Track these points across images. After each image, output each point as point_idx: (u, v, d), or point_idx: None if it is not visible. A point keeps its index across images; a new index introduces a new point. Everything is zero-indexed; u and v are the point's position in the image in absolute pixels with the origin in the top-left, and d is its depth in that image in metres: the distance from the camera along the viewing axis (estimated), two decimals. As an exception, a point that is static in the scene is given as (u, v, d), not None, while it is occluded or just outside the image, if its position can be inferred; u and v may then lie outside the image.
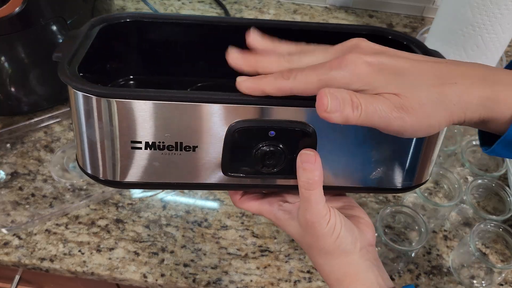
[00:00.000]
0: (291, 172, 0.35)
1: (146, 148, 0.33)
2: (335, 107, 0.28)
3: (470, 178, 0.70)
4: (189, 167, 0.35)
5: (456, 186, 0.64)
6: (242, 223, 0.64)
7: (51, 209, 0.63)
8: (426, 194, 0.68)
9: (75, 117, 0.33)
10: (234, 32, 0.38)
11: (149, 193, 0.67)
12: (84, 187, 0.66)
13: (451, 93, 0.29)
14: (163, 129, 0.33)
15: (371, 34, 0.43)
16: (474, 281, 0.59)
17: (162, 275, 0.58)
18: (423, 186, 0.69)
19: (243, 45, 0.36)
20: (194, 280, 0.58)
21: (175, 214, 0.64)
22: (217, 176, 0.36)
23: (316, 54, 0.33)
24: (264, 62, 0.33)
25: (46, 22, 0.67)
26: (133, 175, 0.35)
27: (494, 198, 0.68)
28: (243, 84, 0.32)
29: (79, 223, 0.63)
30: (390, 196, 0.68)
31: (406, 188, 0.39)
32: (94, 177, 0.35)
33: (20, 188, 0.66)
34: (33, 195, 0.65)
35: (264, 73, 0.33)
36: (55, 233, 0.62)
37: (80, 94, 0.32)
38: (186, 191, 0.67)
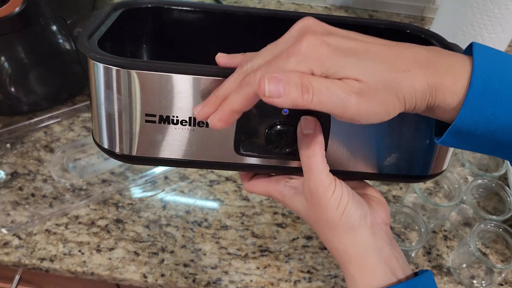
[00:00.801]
0: None
1: (159, 122, 0.33)
2: (275, 92, 0.27)
3: (470, 178, 0.70)
4: (202, 144, 0.35)
5: (456, 186, 0.64)
6: (242, 223, 0.64)
7: (51, 209, 0.63)
8: (426, 194, 0.68)
9: (93, 89, 0.33)
10: (247, 20, 0.38)
11: (149, 193, 0.67)
12: (84, 187, 0.66)
13: (404, 80, 0.28)
14: (177, 103, 0.33)
15: (390, 29, 0.43)
16: (474, 281, 0.59)
17: (162, 275, 0.58)
18: (423, 186, 0.69)
19: (257, 33, 0.36)
20: (194, 280, 0.58)
21: (175, 214, 0.64)
22: (229, 155, 0.35)
23: (269, 50, 0.31)
24: (222, 89, 0.31)
25: (46, 22, 0.67)
26: (147, 150, 0.35)
27: (494, 198, 0.68)
28: (203, 115, 0.31)
29: (79, 223, 0.63)
30: (390, 196, 0.68)
31: (422, 177, 0.38)
32: (111, 152, 0.36)
33: (20, 188, 0.66)
34: (33, 195, 0.65)
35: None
36: (55, 233, 0.61)
37: (100, 66, 0.32)
38: (186, 190, 0.67)
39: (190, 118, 0.33)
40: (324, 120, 0.34)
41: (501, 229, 0.60)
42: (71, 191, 0.66)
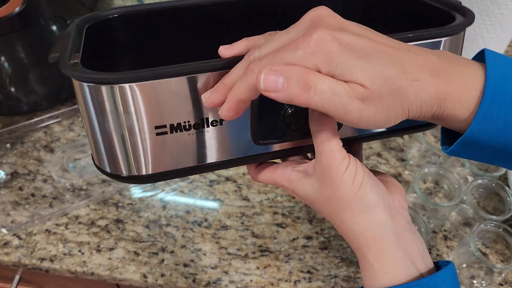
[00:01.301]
0: None
1: (171, 132, 0.31)
2: (272, 86, 0.26)
3: (470, 178, 0.70)
4: (219, 144, 0.33)
5: (456, 186, 0.64)
6: (242, 223, 0.64)
7: (51, 209, 0.63)
8: (426, 194, 0.68)
9: (86, 112, 0.31)
10: (224, 11, 0.36)
11: (149, 193, 0.67)
12: (84, 187, 0.66)
13: (411, 90, 0.28)
14: (186, 107, 0.31)
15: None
16: (474, 281, 0.59)
17: (162, 275, 0.58)
18: (423, 186, 0.69)
19: (236, 23, 0.34)
20: (194, 280, 0.58)
21: (175, 214, 0.64)
22: (248, 148, 0.34)
23: (278, 38, 0.29)
24: (229, 77, 0.30)
25: (46, 22, 0.67)
26: (162, 164, 0.32)
27: (494, 198, 0.68)
28: (211, 103, 0.30)
29: (79, 223, 0.63)
30: (390, 196, 0.68)
31: (427, 124, 0.38)
32: (117, 176, 0.33)
33: (20, 188, 0.66)
34: (33, 195, 0.65)
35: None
36: (55, 233, 0.61)
37: (90, 86, 0.29)
38: (186, 190, 0.67)
39: (202, 120, 0.32)
40: None
41: (501, 229, 0.59)
42: (71, 191, 0.66)
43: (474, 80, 0.28)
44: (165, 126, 0.31)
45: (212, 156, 0.33)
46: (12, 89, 0.71)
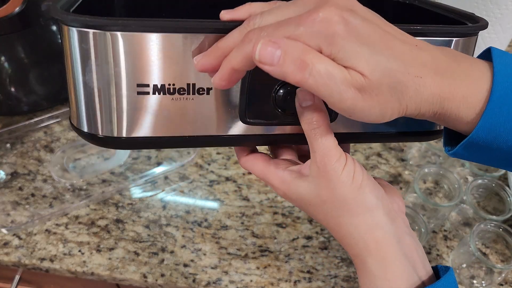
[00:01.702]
0: None
1: (154, 93, 0.29)
2: (268, 58, 0.24)
3: (470, 178, 0.70)
4: (203, 115, 0.31)
5: (456, 186, 0.64)
6: (242, 223, 0.64)
7: (51, 209, 0.63)
8: (426, 194, 0.68)
9: (70, 61, 0.29)
10: None
11: (149, 193, 0.67)
12: (84, 187, 0.66)
13: (412, 86, 0.26)
14: (173, 68, 0.29)
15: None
16: (474, 281, 0.59)
17: (162, 275, 0.58)
18: (423, 186, 0.69)
19: None
20: (194, 280, 0.58)
21: (175, 214, 0.64)
22: (234, 126, 0.31)
23: (283, 9, 0.27)
24: (225, 40, 0.28)
25: (46, 22, 0.67)
26: (140, 129, 0.30)
27: (494, 198, 0.68)
28: (202, 66, 0.28)
29: (79, 223, 0.63)
30: (390, 196, 0.68)
31: (431, 132, 0.36)
32: (92, 136, 0.30)
33: (20, 188, 0.66)
34: (33, 195, 0.65)
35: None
36: (55, 233, 0.61)
37: (77, 31, 0.27)
38: (186, 190, 0.67)
39: (188, 85, 0.29)
40: None
41: (501, 229, 0.59)
42: (71, 191, 0.66)
43: (481, 80, 0.27)
44: (147, 86, 0.29)
45: (194, 128, 0.31)
46: (12, 89, 0.71)
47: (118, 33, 0.27)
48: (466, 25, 0.34)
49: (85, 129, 0.30)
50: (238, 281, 0.58)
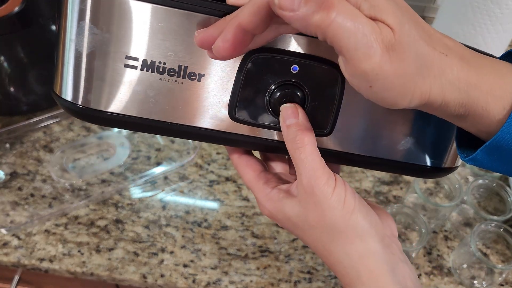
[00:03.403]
0: (312, 125, 0.29)
1: (142, 69, 0.27)
2: (288, 2, 0.21)
3: (470, 178, 0.70)
4: (190, 103, 0.29)
5: (456, 186, 0.64)
6: (242, 223, 0.64)
7: (50, 209, 0.63)
8: (426, 194, 0.68)
9: (64, 22, 0.27)
10: None
11: (148, 193, 0.67)
12: (84, 187, 0.66)
13: (437, 61, 0.23)
14: (167, 46, 0.27)
15: None
16: (475, 282, 0.59)
17: (162, 276, 0.58)
18: (423, 186, 0.69)
19: None
20: (194, 281, 0.58)
21: (174, 214, 0.64)
22: (221, 121, 0.29)
23: None
24: (234, 13, 0.25)
25: (45, 22, 0.67)
26: (121, 105, 0.28)
27: (494, 198, 0.68)
28: (204, 38, 0.25)
29: (79, 223, 0.63)
30: (390, 196, 0.68)
31: (436, 170, 0.33)
32: (73, 106, 0.29)
33: (19, 188, 0.66)
34: (32, 195, 0.65)
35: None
36: (54, 234, 0.61)
37: None
38: (185, 190, 0.67)
39: (180, 67, 0.28)
40: (336, 89, 0.29)
41: (501, 230, 0.59)
42: (70, 191, 0.66)
43: (508, 75, 0.25)
44: (136, 59, 0.27)
45: (178, 115, 0.29)
46: (12, 89, 0.71)
47: None
48: None
49: (67, 98, 0.29)
50: (238, 281, 0.58)
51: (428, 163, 0.33)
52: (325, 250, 0.29)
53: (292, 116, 0.28)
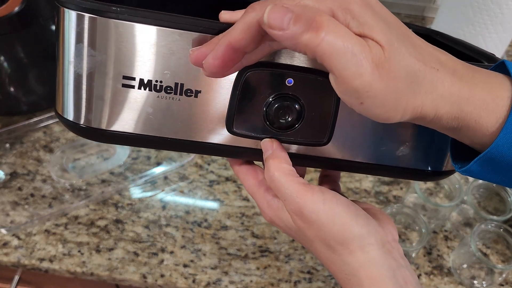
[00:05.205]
0: (309, 136, 0.30)
1: (140, 88, 0.28)
2: (277, 22, 0.21)
3: (470, 178, 0.70)
4: (188, 119, 0.29)
5: (456, 186, 0.63)
6: (242, 223, 0.64)
7: (50, 209, 0.63)
8: (426, 194, 0.68)
9: (62, 44, 0.28)
10: None
11: (148, 193, 0.67)
12: (84, 187, 0.66)
13: (428, 76, 0.23)
14: (163, 65, 0.28)
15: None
16: (475, 282, 0.59)
17: (162, 276, 0.58)
18: (423, 186, 0.69)
19: None
20: (194, 281, 0.58)
21: (174, 214, 0.64)
22: (219, 135, 0.30)
23: None
24: (227, 31, 0.25)
25: (45, 22, 0.67)
26: (121, 123, 0.29)
27: (495, 198, 0.68)
28: (197, 56, 0.25)
29: (79, 223, 0.63)
30: (390, 196, 0.68)
31: (435, 173, 0.33)
32: (75, 125, 0.30)
33: (19, 188, 0.66)
34: (32, 195, 0.65)
35: None
36: (54, 234, 0.61)
37: (73, 13, 0.27)
38: (185, 190, 0.67)
39: (176, 85, 0.28)
40: (332, 98, 0.29)
41: (501, 230, 0.59)
42: (70, 191, 0.65)
43: (501, 87, 0.25)
44: (133, 79, 0.28)
45: (176, 131, 0.30)
46: (12, 89, 0.71)
47: (112, 21, 0.26)
48: (483, 63, 0.32)
49: (69, 117, 0.30)
50: (238, 281, 0.58)
51: (429, 167, 0.33)
52: (326, 259, 0.29)
53: (268, 148, 0.29)
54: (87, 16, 0.27)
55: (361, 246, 0.28)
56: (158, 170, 0.68)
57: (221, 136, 0.30)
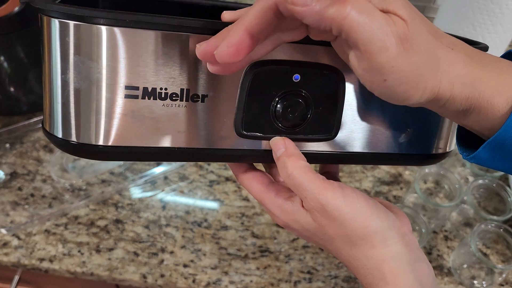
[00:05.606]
0: (317, 131, 0.29)
1: (144, 97, 0.26)
2: None
3: (471, 178, 0.70)
4: (195, 126, 0.28)
5: (457, 186, 0.63)
6: (242, 223, 0.64)
7: (50, 210, 0.63)
8: (426, 194, 0.68)
9: (47, 56, 0.26)
10: None
11: (148, 193, 0.66)
12: (84, 187, 0.66)
13: (444, 56, 0.24)
14: (167, 71, 0.26)
15: None
16: (475, 282, 0.59)
17: (162, 276, 0.58)
18: (423, 186, 0.69)
19: None
20: (194, 281, 0.58)
21: (174, 214, 0.64)
22: (228, 139, 0.29)
23: None
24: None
25: (45, 22, 0.67)
26: (123, 137, 0.27)
27: (495, 198, 0.68)
28: (206, 49, 0.24)
29: (79, 223, 0.63)
30: (390, 196, 0.68)
31: (435, 156, 0.34)
32: (66, 143, 0.27)
33: (19, 188, 0.66)
34: (32, 195, 0.65)
35: None
36: (54, 234, 0.61)
37: (56, 22, 0.25)
38: (185, 190, 0.67)
39: (182, 90, 0.27)
40: (338, 92, 0.29)
41: (502, 230, 0.59)
42: (70, 191, 0.65)
43: (510, 71, 0.25)
44: (137, 89, 0.26)
45: (184, 139, 0.28)
46: (12, 89, 0.71)
47: (109, 28, 0.24)
48: None
49: (59, 135, 0.27)
50: (238, 281, 0.58)
51: (432, 151, 0.34)
52: (348, 255, 0.29)
53: (281, 147, 0.29)
54: (80, 24, 0.25)
55: (383, 240, 0.28)
56: (158, 170, 0.68)
57: (230, 140, 0.29)
